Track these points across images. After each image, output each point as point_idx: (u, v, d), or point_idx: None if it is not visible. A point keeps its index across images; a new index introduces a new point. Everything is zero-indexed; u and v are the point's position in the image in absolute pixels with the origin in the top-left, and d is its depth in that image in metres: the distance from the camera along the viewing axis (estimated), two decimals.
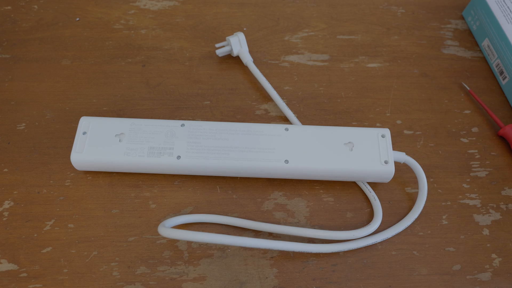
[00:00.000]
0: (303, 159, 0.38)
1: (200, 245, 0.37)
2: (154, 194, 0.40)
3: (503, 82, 0.48)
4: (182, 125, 0.40)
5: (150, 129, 0.40)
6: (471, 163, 0.43)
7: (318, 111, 0.45)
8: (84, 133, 0.39)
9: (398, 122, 0.45)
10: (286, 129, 0.40)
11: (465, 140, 0.44)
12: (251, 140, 0.39)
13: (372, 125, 0.45)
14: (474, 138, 0.44)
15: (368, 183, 0.41)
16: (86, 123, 0.40)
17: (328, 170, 0.38)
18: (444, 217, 0.39)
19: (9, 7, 0.53)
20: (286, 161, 0.38)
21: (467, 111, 0.46)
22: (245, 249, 0.37)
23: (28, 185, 0.40)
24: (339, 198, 0.40)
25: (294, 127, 0.41)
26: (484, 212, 0.40)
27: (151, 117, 0.44)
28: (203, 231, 0.38)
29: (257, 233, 0.38)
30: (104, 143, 0.39)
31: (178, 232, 0.34)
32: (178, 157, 0.38)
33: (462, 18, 0.55)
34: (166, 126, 0.40)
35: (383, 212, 0.39)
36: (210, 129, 0.40)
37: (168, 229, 0.34)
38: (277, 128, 0.40)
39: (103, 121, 0.40)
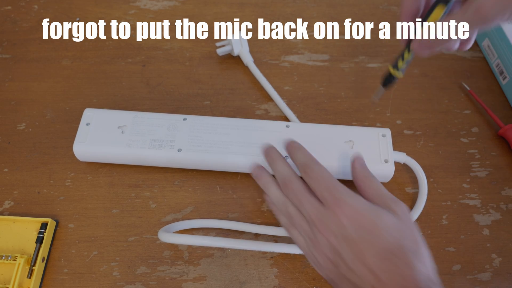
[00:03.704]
0: None
1: (200, 245, 0.37)
2: (154, 194, 0.40)
3: (503, 82, 0.48)
4: (184, 119, 0.40)
5: (152, 122, 0.40)
6: (471, 163, 0.43)
7: (318, 111, 0.45)
8: (88, 124, 0.39)
9: (398, 122, 0.45)
10: (287, 126, 0.40)
11: (465, 140, 0.44)
12: (252, 136, 0.39)
13: (372, 125, 0.45)
14: (474, 138, 0.44)
15: None
16: (90, 115, 0.40)
17: (328, 167, 0.38)
18: (444, 217, 0.39)
19: (9, 7, 0.52)
20: (286, 157, 0.38)
21: (467, 111, 0.46)
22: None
23: (28, 185, 0.40)
24: None
25: (295, 124, 0.41)
26: (484, 212, 0.40)
27: None
28: (204, 233, 0.38)
29: (257, 234, 0.38)
30: (106, 134, 0.39)
31: (179, 237, 0.34)
32: (179, 150, 0.38)
33: None
34: (168, 120, 0.40)
35: None
36: (212, 124, 0.40)
37: (168, 234, 0.34)
38: (278, 125, 0.40)
39: (107, 113, 0.40)
